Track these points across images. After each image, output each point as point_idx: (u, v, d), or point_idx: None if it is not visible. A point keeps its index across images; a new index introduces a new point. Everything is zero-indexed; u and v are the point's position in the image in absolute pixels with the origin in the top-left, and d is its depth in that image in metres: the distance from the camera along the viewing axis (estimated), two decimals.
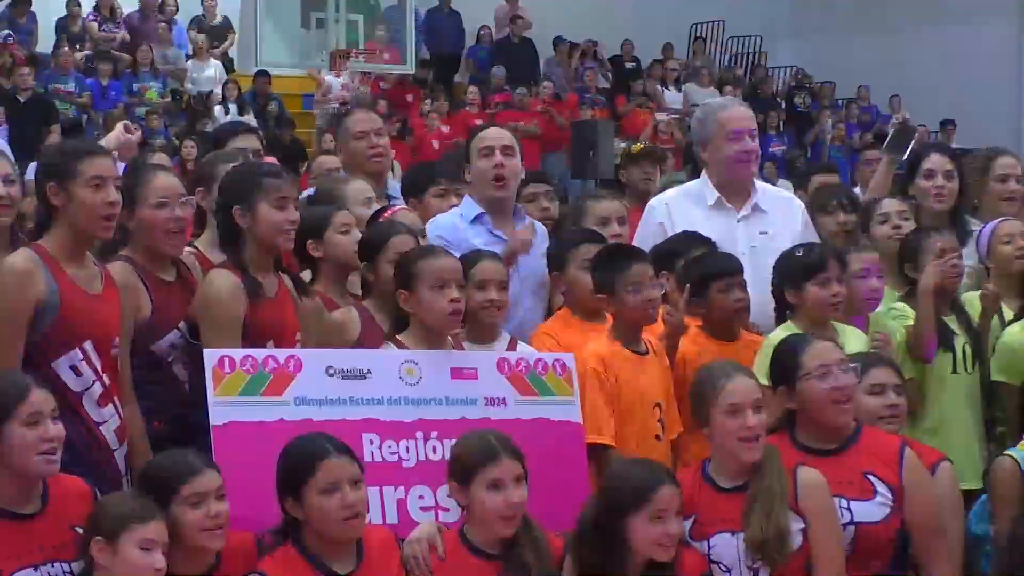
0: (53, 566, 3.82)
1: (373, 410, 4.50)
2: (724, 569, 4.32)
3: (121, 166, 5.03)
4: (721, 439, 4.34)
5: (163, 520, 3.84)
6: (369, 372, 4.54)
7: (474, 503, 4.16)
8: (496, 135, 5.89)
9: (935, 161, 6.04)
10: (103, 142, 6.04)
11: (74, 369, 4.33)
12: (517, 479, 4.15)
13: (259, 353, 4.48)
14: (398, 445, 4.47)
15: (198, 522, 3.89)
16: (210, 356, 4.39)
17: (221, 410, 4.34)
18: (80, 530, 3.83)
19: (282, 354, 4.52)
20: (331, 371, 4.51)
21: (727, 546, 4.31)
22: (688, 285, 5.14)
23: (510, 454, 4.17)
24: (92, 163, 4.38)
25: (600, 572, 4.26)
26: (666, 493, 4.18)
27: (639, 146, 8.68)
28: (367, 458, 4.32)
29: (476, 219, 5.68)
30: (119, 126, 6.33)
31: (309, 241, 5.06)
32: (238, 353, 4.44)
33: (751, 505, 4.27)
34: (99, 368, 4.38)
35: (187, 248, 5.07)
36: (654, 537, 4.16)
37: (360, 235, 5.17)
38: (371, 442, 4.44)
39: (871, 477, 4.42)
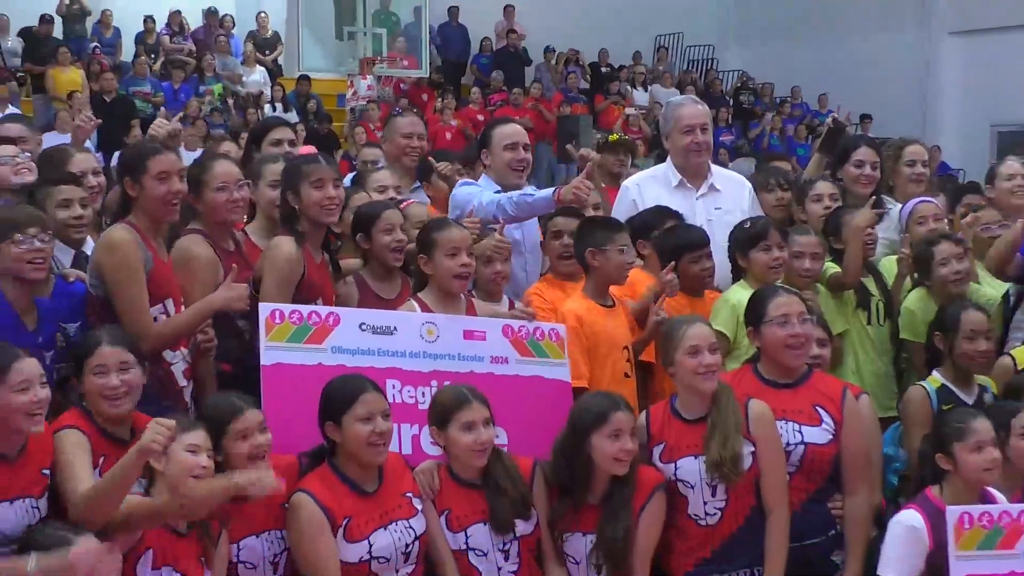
0: (24, 501, 3.71)
1: (397, 361, 4.49)
2: (689, 486, 4.32)
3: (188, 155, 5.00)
4: (683, 375, 4.35)
5: (204, 430, 3.84)
6: (395, 329, 4.53)
7: (451, 442, 4.18)
8: (519, 132, 5.85)
9: (864, 153, 6.00)
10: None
11: (156, 319, 4.33)
12: (486, 421, 4.17)
13: (305, 309, 4.48)
14: (416, 390, 4.48)
15: (247, 452, 3.91)
16: (264, 309, 4.40)
17: (271, 353, 4.35)
18: (47, 472, 3.74)
19: (324, 310, 4.52)
20: (364, 327, 4.50)
21: (691, 468, 4.31)
22: (665, 258, 5.11)
23: (479, 401, 4.19)
24: (157, 160, 4.40)
25: (570, 486, 4.29)
26: (621, 416, 4.21)
27: (615, 136, 8.62)
28: (390, 400, 4.31)
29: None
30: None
31: None
32: (287, 308, 4.44)
33: (711, 433, 4.28)
34: None
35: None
36: (612, 452, 4.18)
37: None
38: (393, 386, 4.44)
39: (819, 409, 4.45)
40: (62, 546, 3.47)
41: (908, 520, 4.05)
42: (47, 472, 3.75)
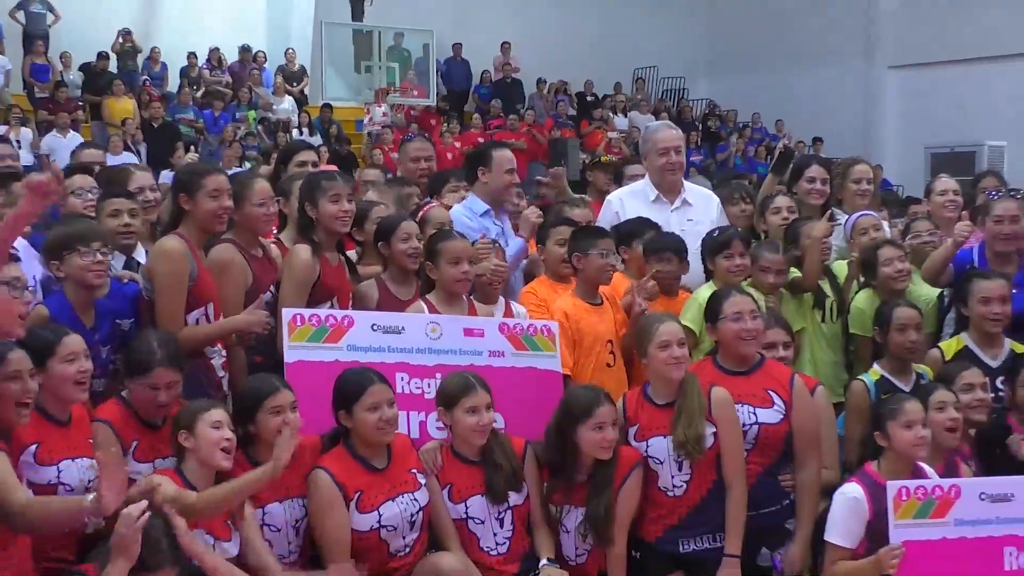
0: (83, 460, 3.74)
1: (405, 356, 4.46)
2: (658, 462, 4.32)
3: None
4: (655, 366, 4.34)
5: (225, 408, 3.84)
6: (403, 328, 4.50)
7: (456, 423, 4.17)
8: (514, 159, 5.81)
9: (816, 171, 6.00)
10: None
11: (197, 321, 4.33)
12: (487, 406, 4.16)
13: (323, 312, 4.45)
14: (422, 382, 4.45)
15: (277, 427, 3.87)
16: (287, 313, 4.37)
17: (293, 352, 4.33)
18: (91, 441, 3.76)
19: (340, 314, 4.49)
20: (375, 327, 4.47)
21: (660, 446, 4.31)
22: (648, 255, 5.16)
23: (482, 387, 4.18)
24: (212, 179, 4.41)
25: (560, 467, 4.29)
26: (604, 410, 4.20)
27: (607, 158, 8.60)
28: (399, 391, 4.30)
29: (485, 213, 5.58)
30: None
31: (354, 228, 4.97)
32: (307, 312, 4.41)
33: (677, 416, 4.27)
34: (212, 320, 4.38)
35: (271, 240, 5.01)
36: (596, 441, 4.18)
37: None
38: (402, 379, 4.42)
39: (770, 392, 4.43)
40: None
41: (850, 492, 4.06)
42: (91, 441, 3.77)
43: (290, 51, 19.12)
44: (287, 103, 18.10)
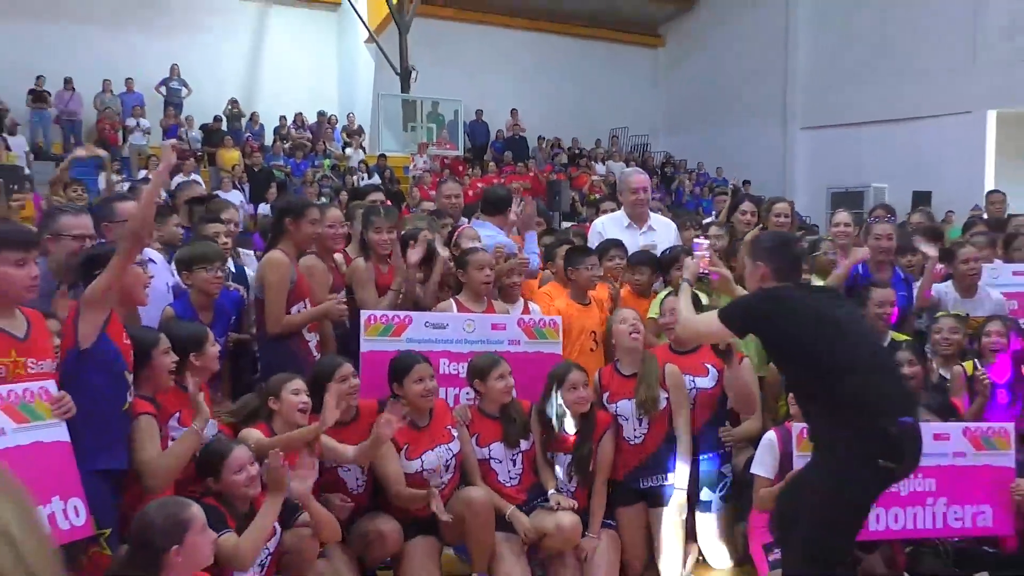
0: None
1: (447, 345, 4.46)
2: (624, 419, 4.35)
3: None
4: (619, 339, 4.41)
5: (302, 379, 3.77)
6: (447, 325, 4.49)
7: (489, 389, 4.16)
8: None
9: (748, 206, 6.04)
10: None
11: (298, 311, 4.32)
12: (509, 373, 4.16)
13: (390, 313, 4.45)
14: (459, 365, 4.45)
15: (344, 391, 3.85)
16: (364, 314, 4.39)
17: (367, 344, 4.34)
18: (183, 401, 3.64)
19: (402, 314, 4.48)
20: (427, 324, 4.47)
21: (625, 406, 4.34)
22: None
23: (504, 363, 4.18)
24: (312, 210, 4.42)
25: (551, 424, 4.26)
26: (572, 375, 4.20)
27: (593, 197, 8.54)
28: (442, 372, 4.32)
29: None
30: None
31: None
32: (379, 313, 4.42)
33: (639, 383, 4.31)
34: None
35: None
36: (571, 399, 4.18)
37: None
38: (445, 363, 4.42)
39: (706, 364, 4.46)
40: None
41: (768, 437, 4.14)
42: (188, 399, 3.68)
43: (351, 115, 19.16)
44: (360, 153, 18.16)
